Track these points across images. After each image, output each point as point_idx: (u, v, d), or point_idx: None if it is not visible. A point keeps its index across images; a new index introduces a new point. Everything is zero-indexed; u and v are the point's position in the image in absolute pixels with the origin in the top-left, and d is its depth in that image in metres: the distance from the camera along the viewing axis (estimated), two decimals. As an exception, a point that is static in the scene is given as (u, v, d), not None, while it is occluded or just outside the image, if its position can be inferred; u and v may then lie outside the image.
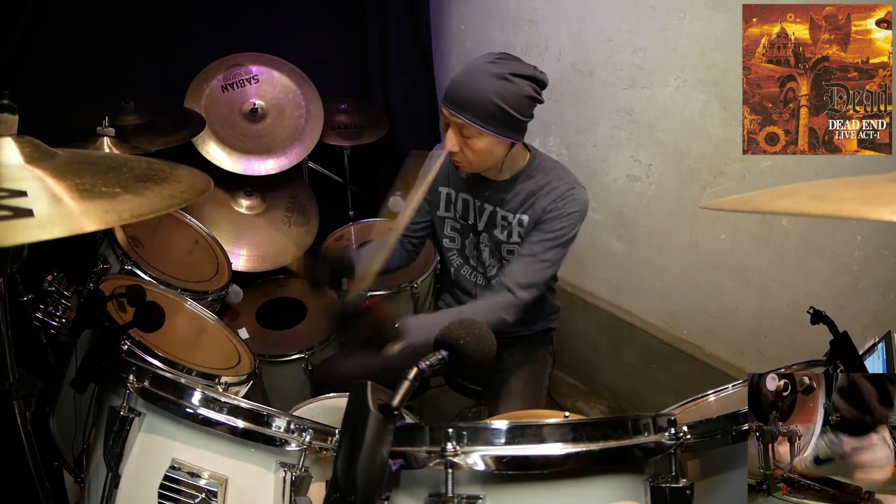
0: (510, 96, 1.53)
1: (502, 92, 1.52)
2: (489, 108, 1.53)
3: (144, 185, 0.96)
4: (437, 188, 1.85)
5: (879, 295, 1.83)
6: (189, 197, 0.98)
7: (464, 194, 1.81)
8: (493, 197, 1.76)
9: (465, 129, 1.57)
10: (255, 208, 2.54)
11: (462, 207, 1.83)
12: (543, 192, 1.69)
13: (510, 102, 1.53)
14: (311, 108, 2.50)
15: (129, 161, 1.08)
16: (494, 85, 1.53)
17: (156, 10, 2.35)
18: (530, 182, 1.72)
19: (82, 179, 0.91)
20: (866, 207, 0.74)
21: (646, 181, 2.34)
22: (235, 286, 2.13)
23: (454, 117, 1.56)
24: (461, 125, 1.56)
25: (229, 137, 2.39)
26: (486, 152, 1.61)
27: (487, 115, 1.53)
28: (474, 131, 1.56)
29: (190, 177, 1.06)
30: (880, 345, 1.20)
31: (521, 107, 1.56)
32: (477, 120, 1.54)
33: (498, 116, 1.54)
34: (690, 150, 2.17)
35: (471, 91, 1.54)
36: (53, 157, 0.98)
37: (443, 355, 0.97)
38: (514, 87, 1.53)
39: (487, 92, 1.52)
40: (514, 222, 1.73)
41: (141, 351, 1.42)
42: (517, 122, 1.57)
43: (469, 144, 1.59)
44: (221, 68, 2.40)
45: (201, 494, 1.16)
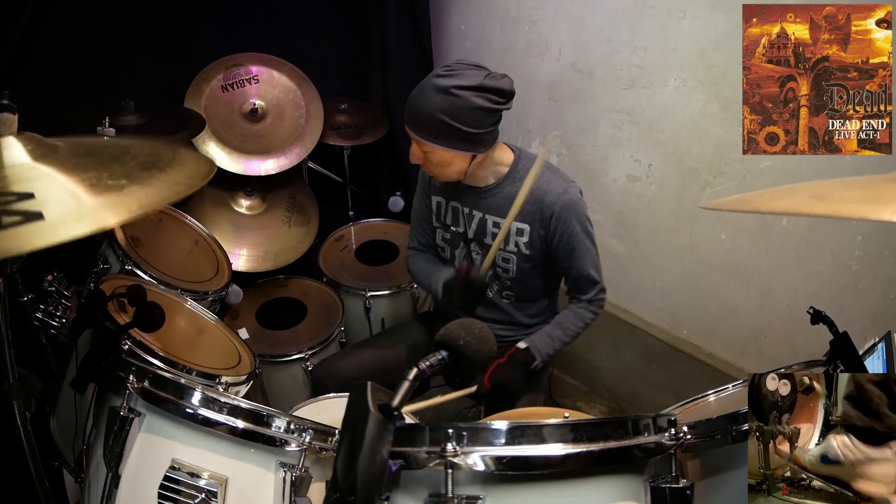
0: (455, 110, 1.53)
1: (446, 107, 1.53)
2: (434, 124, 1.55)
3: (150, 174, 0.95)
4: (431, 197, 1.87)
5: (879, 295, 1.83)
6: (195, 182, 0.96)
7: (453, 202, 1.81)
8: (480, 203, 1.76)
9: (420, 143, 1.61)
10: (255, 208, 2.54)
11: (452, 216, 1.83)
12: (536, 198, 1.66)
13: (456, 117, 1.53)
14: (311, 108, 2.50)
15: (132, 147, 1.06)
16: (437, 100, 1.53)
17: (156, 10, 2.35)
18: (518, 185, 1.69)
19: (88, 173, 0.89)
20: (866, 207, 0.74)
21: (646, 181, 2.34)
22: (235, 286, 2.13)
23: (410, 132, 1.62)
24: (417, 140, 1.62)
25: (229, 137, 2.38)
26: (446, 164, 1.64)
27: (434, 130, 1.56)
28: (428, 146, 1.60)
29: (194, 160, 1.05)
30: (880, 345, 1.20)
31: (471, 119, 1.54)
32: (426, 137, 1.58)
33: (445, 131, 1.55)
34: (690, 150, 2.17)
35: (417, 108, 1.57)
36: (57, 151, 0.96)
37: (443, 355, 0.97)
38: (459, 101, 1.52)
39: (431, 108, 1.54)
40: (513, 230, 1.72)
41: (141, 351, 1.42)
42: (468, 134, 1.56)
43: (428, 158, 1.64)
44: (221, 68, 2.40)
45: (201, 494, 1.16)
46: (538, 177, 1.57)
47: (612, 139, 2.40)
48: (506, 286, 1.83)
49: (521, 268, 1.76)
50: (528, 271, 1.77)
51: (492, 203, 1.74)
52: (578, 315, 1.77)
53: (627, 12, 2.22)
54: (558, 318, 1.79)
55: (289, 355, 2.18)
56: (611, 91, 2.35)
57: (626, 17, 2.22)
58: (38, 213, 0.78)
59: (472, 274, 1.67)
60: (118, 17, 2.28)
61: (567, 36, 2.44)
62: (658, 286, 2.43)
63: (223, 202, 2.49)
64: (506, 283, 1.82)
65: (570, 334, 1.75)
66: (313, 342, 2.24)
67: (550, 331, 1.75)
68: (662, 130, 2.23)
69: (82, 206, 0.83)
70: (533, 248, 1.73)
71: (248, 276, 2.44)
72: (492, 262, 1.71)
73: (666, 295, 2.42)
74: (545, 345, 1.72)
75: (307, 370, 2.18)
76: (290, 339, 2.29)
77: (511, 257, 1.76)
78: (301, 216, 2.60)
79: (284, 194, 2.61)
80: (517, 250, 1.74)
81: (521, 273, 1.77)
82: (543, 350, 1.71)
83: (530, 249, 1.73)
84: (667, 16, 2.10)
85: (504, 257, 1.76)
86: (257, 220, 2.53)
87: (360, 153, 2.80)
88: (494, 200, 1.73)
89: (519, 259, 1.75)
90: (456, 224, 1.82)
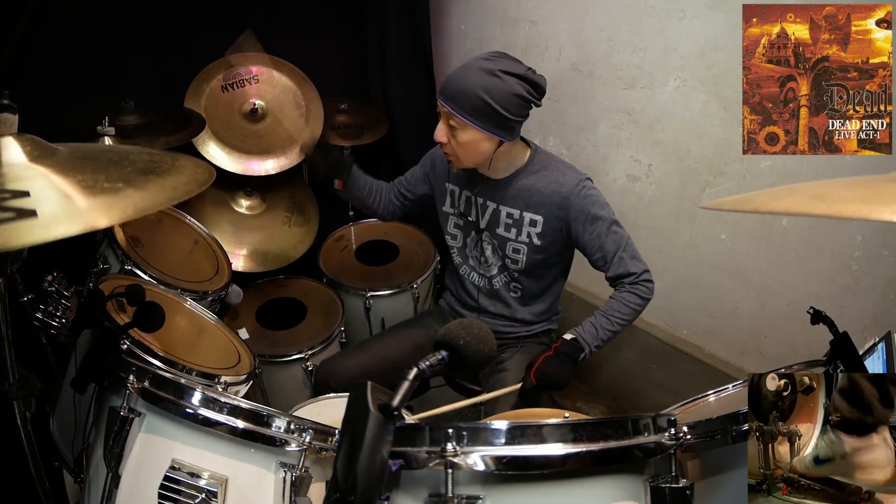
0: (497, 92, 1.56)
1: (489, 87, 1.56)
2: (474, 101, 1.56)
3: (147, 179, 0.95)
4: (444, 184, 1.87)
5: (879, 295, 1.83)
6: (192, 188, 0.97)
7: (466, 191, 1.83)
8: (495, 194, 1.77)
9: (451, 119, 1.61)
10: (255, 208, 2.54)
11: (465, 205, 1.84)
12: (552, 190, 1.71)
13: (496, 98, 1.56)
14: (311, 108, 2.50)
15: (131, 153, 1.07)
16: (482, 79, 1.56)
17: (156, 10, 2.35)
18: (533, 178, 1.73)
19: (84, 175, 0.90)
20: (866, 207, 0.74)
21: (646, 181, 2.34)
22: (235, 286, 2.13)
23: (443, 107, 1.61)
24: (448, 115, 1.61)
25: (229, 137, 2.38)
26: (471, 146, 1.63)
27: (472, 108, 1.57)
28: (459, 122, 1.60)
29: (192, 167, 1.06)
30: (880, 345, 1.20)
31: (509, 104, 1.58)
32: (461, 111, 1.58)
33: (482, 110, 1.57)
34: (690, 150, 2.17)
35: (459, 83, 1.58)
36: (55, 154, 0.97)
37: (443, 355, 0.97)
38: (503, 84, 1.56)
39: (474, 85, 1.56)
40: (525, 221, 1.74)
41: (141, 351, 1.42)
42: (503, 119, 1.59)
43: (455, 136, 1.63)
44: (221, 68, 2.40)
45: (201, 494, 1.16)
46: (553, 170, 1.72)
47: (612, 139, 2.40)
48: (513, 278, 1.84)
49: (530, 259, 1.78)
50: (538, 263, 1.79)
51: (506, 194, 1.76)
52: (623, 301, 1.70)
53: (627, 12, 2.22)
54: (603, 307, 1.73)
55: (289, 355, 2.18)
56: (611, 91, 2.35)
57: (626, 17, 2.22)
58: (31, 211, 0.80)
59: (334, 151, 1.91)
60: (118, 18, 2.28)
61: (567, 36, 2.44)
62: (658, 286, 2.42)
63: (223, 202, 2.49)
64: (514, 275, 1.84)
65: (617, 322, 1.68)
66: (313, 342, 2.23)
67: (595, 321, 1.69)
68: (662, 130, 2.23)
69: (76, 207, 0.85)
70: (545, 239, 1.75)
71: (248, 276, 2.44)
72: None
73: (666, 295, 2.41)
74: (591, 335, 1.66)
75: (307, 370, 2.18)
76: (290, 339, 2.29)
77: (522, 248, 1.77)
78: (301, 216, 2.60)
79: (284, 194, 2.61)
80: (528, 241, 1.75)
81: (530, 264, 1.79)
82: (591, 341, 1.65)
83: (542, 240, 1.75)
84: (667, 16, 2.10)
85: (514, 248, 1.78)
86: (257, 220, 2.53)
87: (360, 153, 2.79)
88: (509, 192, 1.76)
89: (529, 250, 1.77)
90: (468, 213, 1.84)
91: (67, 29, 2.19)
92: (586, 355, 1.66)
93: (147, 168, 0.99)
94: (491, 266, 1.85)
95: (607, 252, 1.71)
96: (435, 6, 2.91)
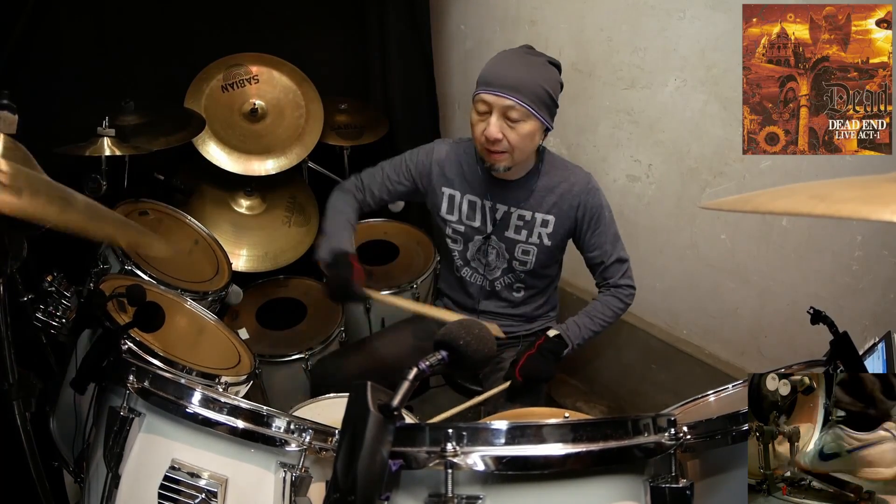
0: (551, 80, 1.60)
1: (545, 76, 1.59)
2: (537, 90, 1.57)
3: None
4: (440, 188, 1.84)
5: (879, 295, 1.83)
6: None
7: (470, 196, 1.80)
8: (507, 196, 1.76)
9: (512, 111, 1.56)
10: (255, 208, 2.54)
11: (468, 209, 1.82)
12: (564, 190, 1.72)
13: (552, 87, 1.60)
14: (311, 108, 2.50)
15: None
16: (539, 70, 1.59)
17: (156, 10, 2.35)
18: (545, 178, 1.74)
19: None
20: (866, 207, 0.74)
21: (646, 181, 2.34)
22: (235, 286, 2.13)
23: (504, 99, 1.55)
24: (509, 108, 1.56)
25: (229, 137, 2.38)
26: (529, 138, 1.62)
27: (536, 97, 1.57)
28: (524, 114, 1.56)
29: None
30: (880, 345, 1.20)
31: (557, 93, 1.63)
32: (527, 101, 1.56)
33: (544, 100, 1.59)
34: (690, 150, 2.17)
35: (520, 74, 1.57)
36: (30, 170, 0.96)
37: (443, 355, 0.97)
38: (552, 73, 1.61)
39: (534, 75, 1.57)
40: (537, 221, 1.74)
41: (141, 351, 1.42)
42: (555, 106, 1.63)
43: (515, 129, 1.58)
44: (221, 68, 2.40)
45: (201, 495, 1.16)
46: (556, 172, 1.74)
47: (612, 139, 2.40)
48: (519, 279, 1.84)
49: (539, 260, 1.79)
50: (545, 263, 1.80)
51: (521, 195, 1.76)
52: (606, 304, 1.78)
53: (627, 12, 2.21)
54: (588, 309, 1.80)
55: (289, 355, 2.18)
56: (611, 91, 2.35)
57: (626, 17, 2.22)
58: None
59: (355, 287, 1.64)
60: (118, 17, 2.28)
61: (567, 36, 2.44)
62: (658, 286, 2.43)
63: (223, 202, 2.49)
64: (520, 276, 1.84)
65: (599, 323, 1.76)
66: (313, 342, 2.23)
67: (579, 319, 1.76)
68: (662, 130, 2.23)
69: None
70: (555, 238, 1.76)
71: (248, 276, 2.44)
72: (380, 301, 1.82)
73: (666, 295, 2.42)
74: (575, 334, 1.72)
75: (307, 370, 2.18)
76: (290, 339, 2.29)
77: (531, 249, 1.77)
78: (301, 216, 2.60)
79: (284, 194, 2.61)
80: (539, 242, 1.76)
81: (538, 265, 1.80)
82: (574, 339, 1.72)
83: (552, 241, 1.76)
84: (667, 16, 2.10)
85: (524, 249, 1.78)
86: (257, 220, 2.53)
87: (360, 153, 2.79)
88: (523, 193, 1.76)
89: (539, 251, 1.77)
90: (471, 218, 1.82)
91: (67, 29, 2.19)
92: (569, 352, 1.71)
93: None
94: (494, 269, 1.85)
95: (605, 251, 1.76)
96: (435, 6, 2.91)
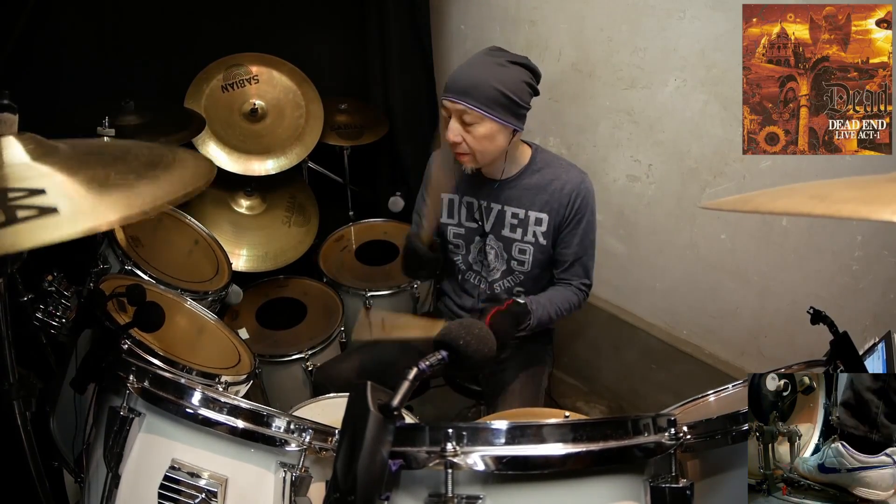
0: (508, 80, 1.59)
1: (501, 77, 1.58)
2: (489, 92, 1.57)
3: (154, 172, 0.95)
4: (440, 195, 1.86)
5: (879, 295, 1.83)
6: (199, 181, 0.97)
7: (467, 197, 1.82)
8: (499, 195, 1.77)
9: (466, 115, 1.60)
10: (255, 208, 2.54)
11: (466, 211, 1.83)
12: (556, 188, 1.72)
13: (509, 86, 1.58)
14: (311, 108, 2.50)
15: (132, 148, 1.07)
16: (493, 70, 1.59)
17: (156, 10, 2.35)
18: (537, 176, 1.74)
19: (93, 171, 0.90)
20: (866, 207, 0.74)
21: (646, 181, 2.34)
22: (235, 286, 2.13)
23: (455, 104, 1.60)
24: (462, 112, 1.60)
25: (229, 137, 2.38)
26: (488, 140, 1.63)
27: (488, 99, 1.58)
28: (476, 117, 1.59)
29: (192, 159, 1.06)
30: (880, 345, 1.20)
31: (520, 92, 1.61)
32: (478, 104, 1.58)
33: (498, 100, 1.58)
34: (690, 150, 2.17)
35: (471, 77, 1.59)
36: (57, 152, 0.97)
37: (443, 355, 0.97)
38: (512, 73, 1.60)
39: (487, 77, 1.57)
40: (531, 220, 1.74)
41: (141, 351, 1.42)
42: (516, 106, 1.61)
43: (471, 132, 1.62)
44: (221, 68, 2.40)
45: (201, 494, 1.16)
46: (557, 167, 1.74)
47: (612, 139, 2.40)
48: (518, 281, 1.83)
49: (536, 259, 1.78)
50: (542, 262, 1.79)
51: (511, 194, 1.76)
52: (571, 294, 1.79)
53: (627, 12, 2.21)
54: (553, 290, 1.79)
55: (289, 355, 2.18)
56: (611, 91, 2.35)
57: (626, 17, 2.22)
58: (52, 208, 0.80)
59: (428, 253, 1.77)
60: (118, 17, 2.28)
61: (567, 36, 2.44)
62: (658, 286, 2.43)
63: (223, 202, 2.49)
64: (519, 278, 1.83)
65: (561, 309, 1.75)
66: (313, 342, 2.23)
67: (545, 300, 1.73)
68: (662, 130, 2.23)
69: (92, 202, 0.84)
70: (549, 237, 1.76)
71: (248, 276, 2.44)
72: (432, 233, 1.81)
73: (666, 295, 2.42)
74: (541, 309, 1.69)
75: (307, 370, 2.18)
76: (290, 339, 2.29)
77: (528, 248, 1.77)
78: (301, 216, 2.60)
79: (284, 194, 2.61)
80: (535, 241, 1.76)
81: (535, 265, 1.79)
82: (537, 312, 1.68)
83: (547, 239, 1.76)
84: (667, 16, 2.10)
85: (521, 248, 1.77)
86: (257, 220, 2.53)
87: (360, 153, 2.80)
88: (514, 192, 1.76)
89: (535, 250, 1.77)
90: (470, 219, 1.83)
91: (67, 29, 2.19)
92: (529, 324, 1.66)
93: (152, 162, 0.99)
94: (494, 270, 1.85)
95: (578, 251, 1.77)
96: (435, 6, 2.91)
